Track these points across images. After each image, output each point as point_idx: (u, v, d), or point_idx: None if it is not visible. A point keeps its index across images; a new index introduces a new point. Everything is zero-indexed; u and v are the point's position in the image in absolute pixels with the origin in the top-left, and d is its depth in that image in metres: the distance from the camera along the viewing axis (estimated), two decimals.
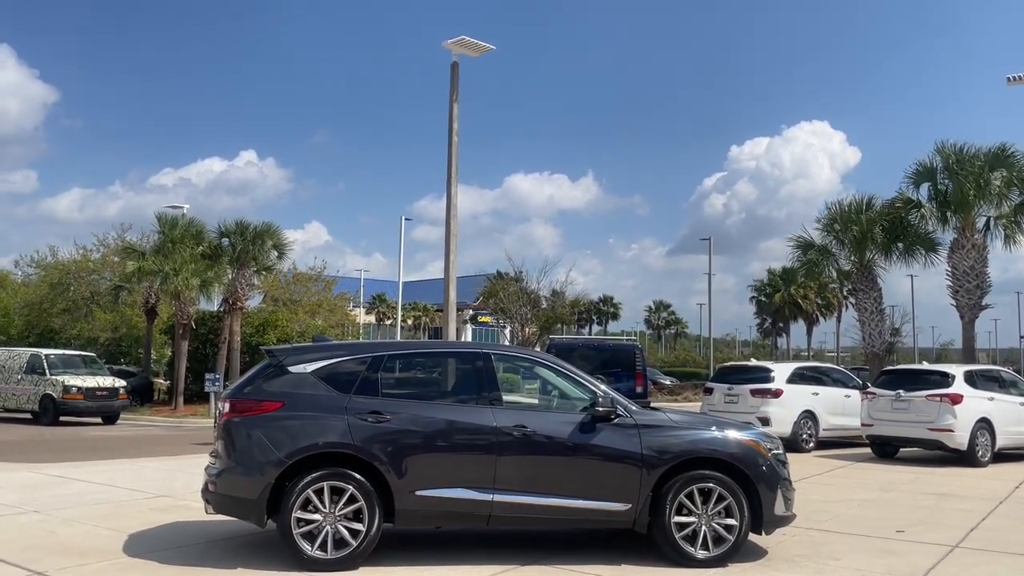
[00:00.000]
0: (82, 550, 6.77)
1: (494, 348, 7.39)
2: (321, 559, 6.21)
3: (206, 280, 27.28)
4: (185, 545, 6.98)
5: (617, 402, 6.80)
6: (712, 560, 6.62)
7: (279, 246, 28.95)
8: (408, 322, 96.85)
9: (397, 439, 6.45)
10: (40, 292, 41.06)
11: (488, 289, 53.53)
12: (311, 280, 49.60)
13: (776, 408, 16.25)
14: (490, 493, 6.48)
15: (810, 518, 8.91)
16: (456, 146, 17.35)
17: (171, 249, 27.99)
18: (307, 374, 6.66)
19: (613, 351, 17.04)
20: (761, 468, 6.80)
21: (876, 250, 21.51)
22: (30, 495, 9.46)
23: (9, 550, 6.69)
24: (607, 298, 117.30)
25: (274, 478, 6.26)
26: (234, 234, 28.36)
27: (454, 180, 17.28)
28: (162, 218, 28.93)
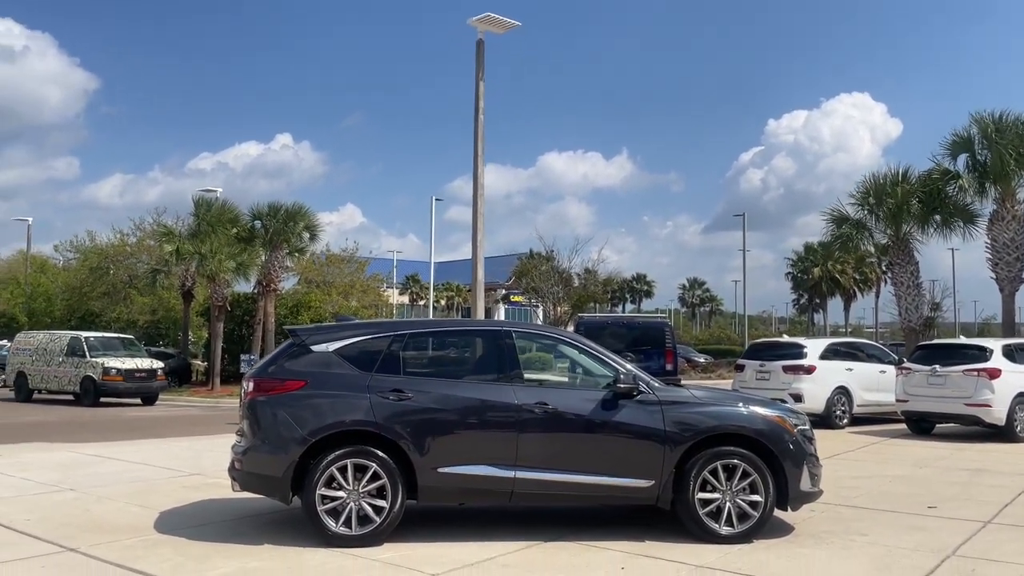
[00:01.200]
0: (114, 527, 6.92)
1: (516, 326, 7.39)
2: (345, 535, 6.28)
3: (241, 262, 27.58)
4: (213, 522, 7.10)
5: (640, 379, 6.76)
6: (736, 536, 6.58)
7: (311, 227, 29.17)
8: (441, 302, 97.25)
9: (419, 417, 6.48)
10: (80, 276, 41.88)
11: (519, 268, 53.53)
12: (344, 262, 49.99)
13: (809, 384, 16.06)
14: (512, 470, 6.49)
15: (839, 494, 8.83)
16: (482, 125, 17.29)
17: (206, 232, 28.33)
18: (330, 353, 6.71)
19: (643, 328, 16.94)
20: (787, 444, 6.73)
21: (912, 223, 21.09)
22: (67, 474, 9.68)
23: (44, 527, 6.86)
24: (640, 276, 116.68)
25: (298, 456, 6.33)
26: (266, 216, 28.62)
27: (480, 159, 17.23)
28: (198, 201, 29.28)
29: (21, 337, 26.82)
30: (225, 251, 27.29)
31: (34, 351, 25.16)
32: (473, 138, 17.35)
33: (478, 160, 17.25)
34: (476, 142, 17.30)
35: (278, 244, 28.71)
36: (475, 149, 17.31)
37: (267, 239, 28.85)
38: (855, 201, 21.80)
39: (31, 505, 7.83)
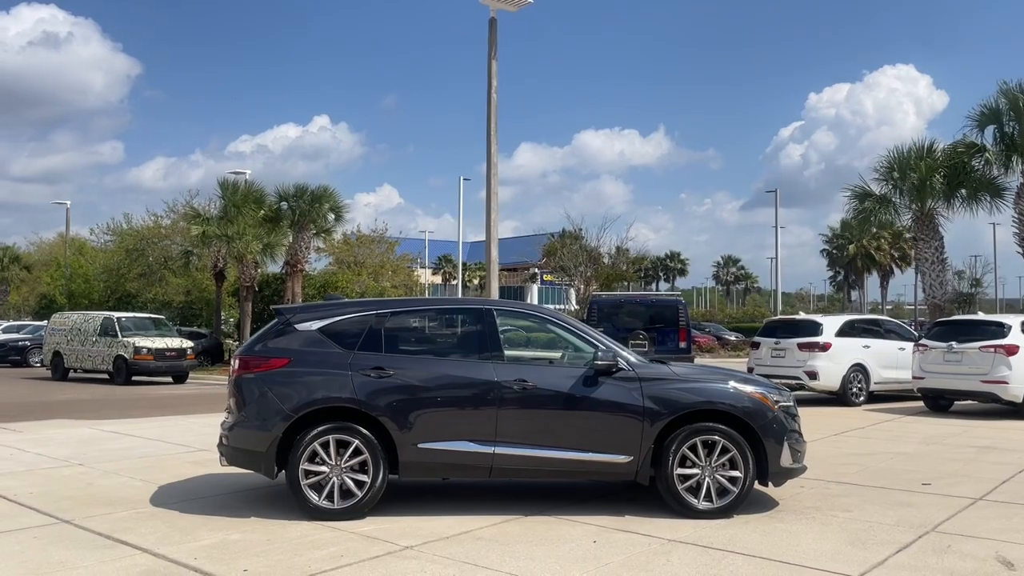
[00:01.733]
0: (112, 500, 7.17)
1: (496, 303, 7.45)
2: (327, 509, 6.45)
3: (267, 243, 27.95)
4: (207, 496, 7.32)
5: (619, 355, 6.81)
6: (715, 511, 6.63)
7: (335, 208, 29.45)
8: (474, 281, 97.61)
9: (399, 393, 6.60)
10: (117, 258, 42.73)
11: (548, 247, 53.46)
12: (374, 242, 50.36)
13: (824, 362, 15.95)
14: (491, 446, 6.60)
15: (835, 471, 8.83)
16: (495, 104, 17.29)
17: (234, 214, 28.72)
18: (313, 331, 6.85)
19: (656, 307, 16.90)
20: (767, 420, 6.75)
21: (937, 197, 20.69)
22: (82, 449, 10.01)
23: (45, 500, 7.13)
24: (674, 254, 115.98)
25: (282, 432, 6.50)
26: (292, 197, 28.95)
27: (493, 138, 17.26)
28: (224, 183, 29.67)
29: (57, 318, 27.52)
30: (252, 232, 27.67)
31: (69, 331, 25.83)
32: (486, 118, 17.37)
33: (491, 140, 17.27)
34: (489, 122, 17.31)
35: (304, 225, 29.05)
36: (488, 129, 17.33)
37: (294, 220, 29.18)
38: (879, 176, 21.44)
39: (39, 479, 8.13)
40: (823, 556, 5.62)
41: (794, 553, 5.68)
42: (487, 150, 17.32)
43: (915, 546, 5.91)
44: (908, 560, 5.56)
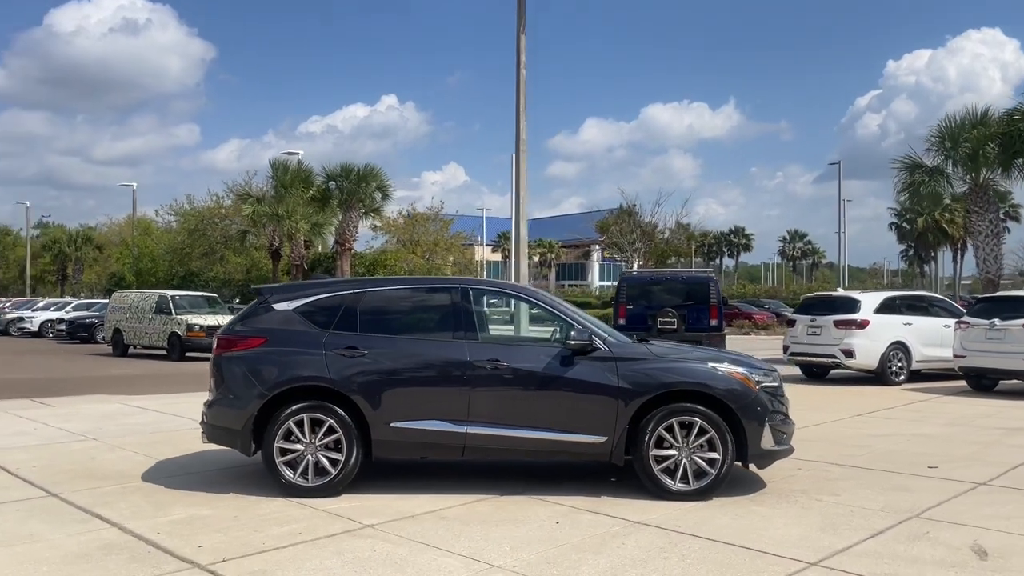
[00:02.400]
0: (106, 474, 7.41)
1: (473, 283, 7.41)
2: (302, 486, 6.54)
3: (315, 223, 28.42)
4: (198, 471, 7.49)
5: (595, 335, 6.71)
6: (692, 493, 6.50)
7: (382, 187, 29.75)
8: (533, 259, 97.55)
9: (372, 373, 6.63)
10: (180, 238, 44.07)
11: (601, 224, 53.06)
12: (429, 220, 50.72)
13: (861, 340, 15.47)
14: (464, 425, 6.59)
15: (843, 453, 8.59)
16: (524, 79, 17.13)
17: (283, 194, 29.25)
18: (290, 311, 6.92)
19: (688, 283, 16.58)
20: (746, 401, 6.57)
21: (992, 167, 19.74)
22: (100, 424, 10.36)
23: (43, 474, 7.40)
24: (738, 229, 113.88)
25: (257, 410, 6.60)
26: (339, 177, 29.35)
27: (522, 116, 17.11)
28: (274, 164, 30.25)
29: (116, 296, 28.51)
30: (300, 212, 28.14)
31: (127, 309, 26.73)
32: (515, 94, 17.24)
33: (520, 118, 17.13)
34: (518, 99, 17.17)
35: (352, 204, 29.40)
36: (517, 107, 17.19)
37: (342, 199, 29.57)
38: (930, 146, 20.57)
39: (47, 453, 8.45)
40: (787, 542, 5.46)
41: (757, 538, 5.54)
42: (516, 127, 17.19)
43: (890, 532, 5.71)
44: (875, 547, 5.37)
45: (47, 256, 57.89)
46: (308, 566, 4.93)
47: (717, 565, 5.00)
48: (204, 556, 5.09)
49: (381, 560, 5.05)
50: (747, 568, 4.95)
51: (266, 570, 4.86)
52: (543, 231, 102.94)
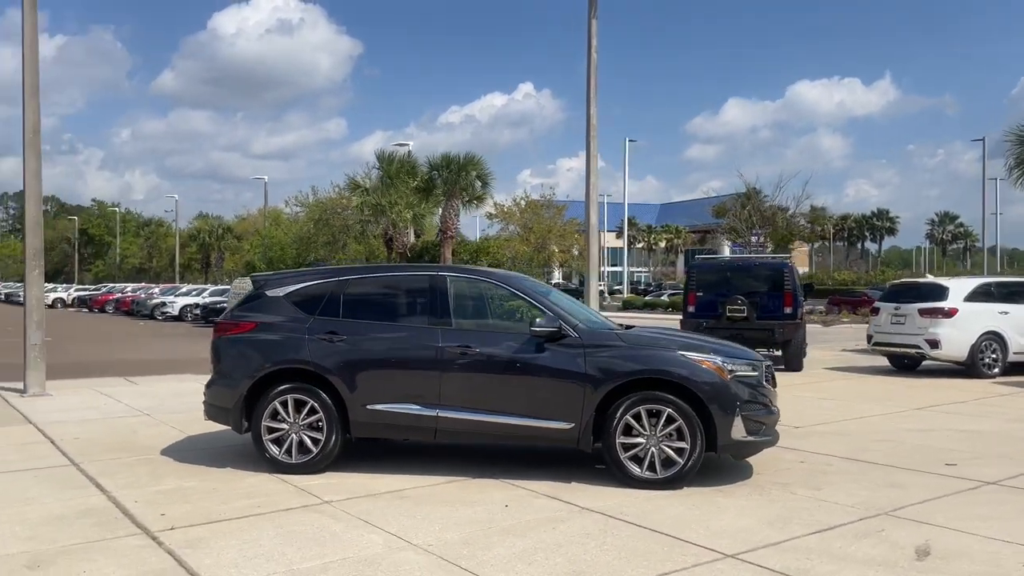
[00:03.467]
0: (134, 447, 8.07)
1: (450, 270, 7.55)
2: (286, 462, 6.93)
3: (417, 212, 29.24)
4: (213, 447, 8.02)
5: (565, 322, 6.74)
6: (659, 482, 6.45)
7: (482, 176, 30.22)
8: (660, 244, 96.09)
9: (350, 357, 6.93)
10: (306, 228, 46.24)
11: (718, 209, 51.68)
12: (542, 207, 50.99)
13: (948, 329, 14.53)
14: (435, 409, 6.79)
15: (864, 447, 8.25)
16: (595, 65, 17.02)
17: (388, 184, 30.25)
18: (280, 297, 7.33)
19: (761, 270, 16.00)
20: (714, 390, 6.45)
21: None
22: (164, 401, 11.21)
23: (79, 446, 8.14)
24: (881, 211, 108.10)
25: (246, 390, 7.03)
26: (441, 167, 30.02)
27: (593, 100, 17.02)
28: (381, 156, 31.29)
29: (237, 283, 30.18)
30: (404, 201, 29.02)
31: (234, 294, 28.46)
32: (586, 79, 17.16)
33: (591, 102, 17.04)
34: (588, 83, 17.08)
35: (453, 193, 30.04)
36: (587, 91, 17.11)
37: (445, 189, 30.26)
38: None
39: (98, 426, 9.26)
40: (724, 533, 5.37)
41: (695, 528, 5.47)
42: (586, 112, 17.11)
43: (841, 529, 5.50)
44: (811, 543, 5.20)
45: (193, 246, 62.26)
46: (243, 536, 5.27)
47: (630, 552, 5.00)
48: (158, 524, 5.53)
49: (312, 534, 5.33)
50: (659, 556, 4.93)
51: (204, 538, 5.23)
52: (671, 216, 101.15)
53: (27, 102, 12.11)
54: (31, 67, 12.16)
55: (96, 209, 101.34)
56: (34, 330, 12.12)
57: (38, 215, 12.40)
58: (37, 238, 12.28)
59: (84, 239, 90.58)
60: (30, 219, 12.30)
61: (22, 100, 12.17)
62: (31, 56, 12.16)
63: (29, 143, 12.10)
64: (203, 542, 5.15)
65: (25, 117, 12.12)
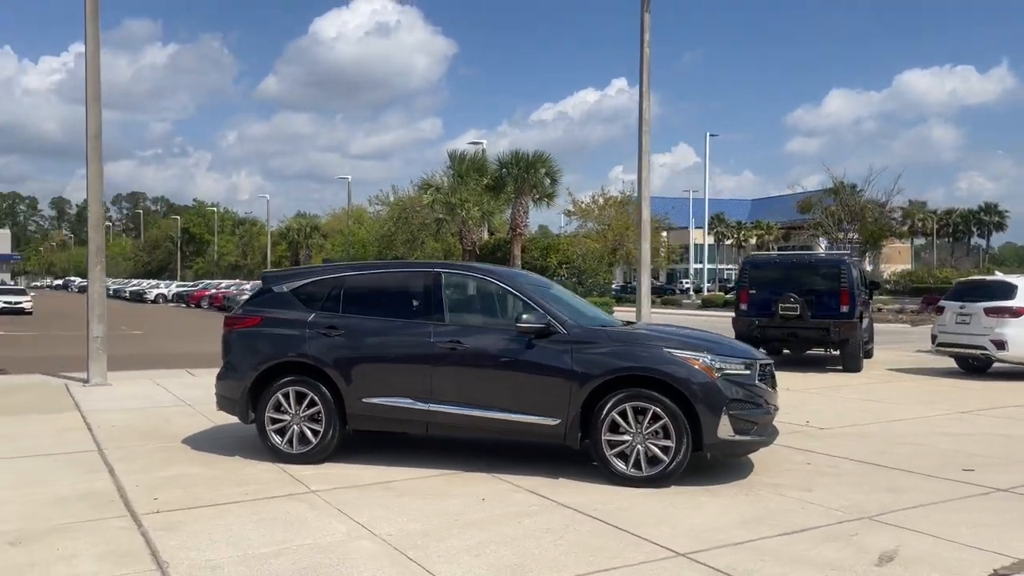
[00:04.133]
0: (160, 436, 8.49)
1: (445, 266, 7.63)
2: (287, 452, 7.18)
3: (484, 209, 29.52)
4: (229, 437, 8.35)
5: (554, 318, 6.77)
6: (644, 480, 6.42)
7: (550, 173, 30.29)
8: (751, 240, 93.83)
9: (347, 351, 7.13)
10: (386, 226, 47.29)
11: (802, 204, 50.20)
12: (622, 204, 50.64)
13: (1016, 329, 13.77)
14: (427, 403, 6.92)
15: (880, 449, 8.03)
16: (648, 59, 16.84)
17: (460, 182, 30.64)
18: (286, 293, 7.58)
19: (816, 267, 15.49)
20: (700, 388, 6.36)
21: None
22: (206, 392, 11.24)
23: (114, 433, 8.61)
24: (989, 206, 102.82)
25: (251, 382, 7.32)
26: (510, 165, 30.22)
27: (646, 95, 16.85)
28: (452, 154, 31.72)
29: None
30: (472, 199, 29.34)
31: None
32: (639, 73, 16.99)
33: (643, 97, 16.87)
34: (641, 78, 16.92)
35: (523, 191, 30.19)
36: (640, 85, 16.94)
37: (515, 187, 30.45)
38: None
39: (139, 415, 9.77)
40: (689, 532, 5.32)
41: (662, 526, 5.44)
42: (639, 106, 16.95)
43: (814, 532, 5.37)
44: (773, 544, 5.11)
45: (283, 244, 64.40)
46: (218, 522, 5.51)
47: (582, 548, 5.01)
48: (147, 507, 5.83)
49: (283, 521, 5.53)
50: (608, 553, 4.93)
51: (181, 522, 5.50)
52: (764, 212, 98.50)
53: (89, 108, 12.84)
54: (93, 76, 12.88)
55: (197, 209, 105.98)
56: (96, 323, 12.82)
57: (100, 215, 13.13)
58: (99, 236, 13.00)
59: (186, 237, 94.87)
60: (93, 219, 13.03)
61: (85, 107, 12.90)
62: (93, 65, 12.88)
63: (91, 147, 12.82)
64: (180, 526, 5.41)
65: (88, 123, 12.84)
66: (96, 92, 12.89)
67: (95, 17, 12.88)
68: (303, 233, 59.40)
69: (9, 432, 8.63)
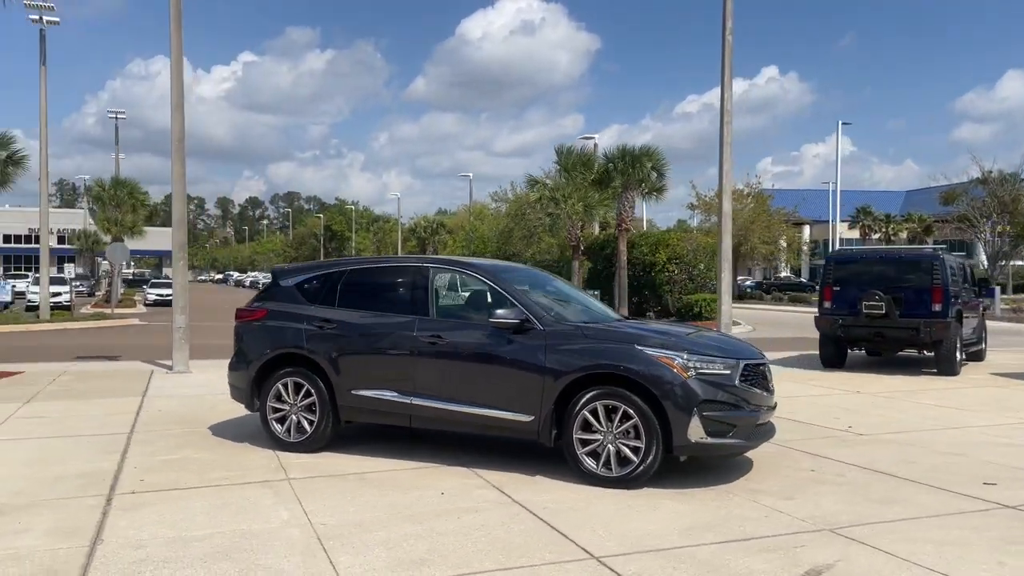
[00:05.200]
0: (194, 422, 8.96)
1: (433, 261, 7.61)
2: (286, 440, 7.45)
3: (587, 204, 29.27)
4: (249, 424, 8.59)
5: (532, 315, 6.68)
6: (614, 480, 6.25)
7: (657, 167, 29.62)
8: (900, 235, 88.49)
9: (337, 344, 7.31)
10: (505, 222, 47.79)
11: (944, 196, 46.89)
12: (747, 197, 49.10)
13: None
14: (409, 397, 7.00)
15: (909, 459, 7.56)
16: (730, 46, 16.22)
17: (565, 178, 30.54)
18: (291, 287, 7.84)
19: (905, 263, 14.38)
20: (669, 387, 6.12)
21: None
22: None
23: (155, 417, 9.18)
24: None
25: (254, 372, 7.63)
26: (616, 159, 29.81)
27: (727, 84, 16.24)
28: (559, 149, 31.59)
29: None
30: (576, 195, 29.17)
31: None
32: (720, 60, 16.42)
33: (724, 84, 16.29)
34: (723, 64, 16.32)
35: (630, 185, 29.73)
36: (722, 72, 16.35)
37: (622, 181, 30.02)
38: None
39: (187, 402, 10.35)
40: (625, 536, 5.15)
41: (601, 528, 5.29)
42: (721, 96, 16.37)
43: (759, 541, 5.09)
44: (705, 552, 4.88)
45: (413, 240, 66.27)
46: (178, 504, 5.78)
47: (502, 545, 4.95)
48: (127, 488, 6.20)
49: (238, 507, 5.74)
50: (523, 552, 4.85)
51: (147, 503, 5.80)
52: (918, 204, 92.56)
53: (173, 115, 13.70)
54: (177, 84, 13.73)
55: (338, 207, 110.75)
56: (179, 315, 13.69)
57: (183, 213, 13.99)
58: (181, 233, 13.86)
59: (328, 235, 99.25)
60: (176, 216, 13.91)
61: (170, 113, 13.78)
62: (177, 74, 13.73)
63: (175, 150, 13.67)
64: (142, 507, 5.72)
65: (172, 128, 13.71)
66: (179, 101, 13.73)
67: (178, 29, 13.71)
68: (429, 229, 60.91)
69: (62, 414, 9.38)
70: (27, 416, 9.31)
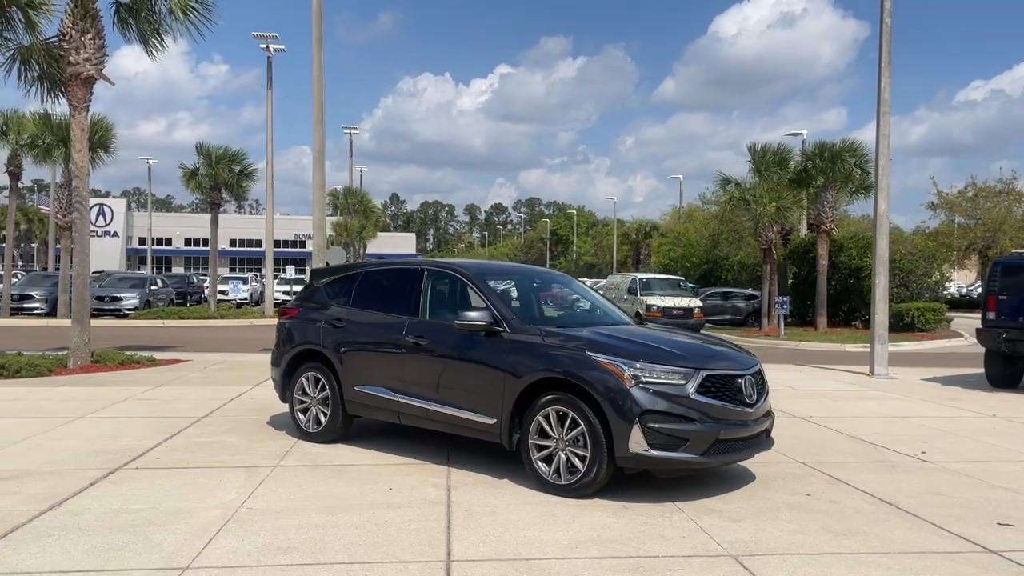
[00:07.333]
0: (262, 410, 9.69)
1: (429, 263, 7.62)
2: (307, 431, 7.97)
3: (780, 205, 27.70)
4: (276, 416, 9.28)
5: (501, 316, 6.65)
6: (564, 488, 6.10)
7: (861, 163, 27.38)
8: None
9: (344, 342, 7.68)
10: (714, 224, 46.26)
11: None
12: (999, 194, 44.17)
13: None
14: (398, 395, 7.21)
15: (942, 490, 6.70)
16: (888, 29, 14.76)
17: (760, 177, 29.11)
18: (320, 288, 8.33)
19: None
20: (612, 395, 5.86)
21: None
22: None
23: (238, 405, 10.05)
24: None
25: (284, 365, 8.20)
26: (815, 156, 28.00)
27: (885, 71, 14.77)
28: (751, 148, 30.15)
29: (612, 277, 32.11)
30: (768, 195, 27.75)
31: (614, 288, 30.11)
32: (878, 46, 14.98)
33: (882, 73, 14.81)
34: (880, 52, 14.89)
35: (830, 183, 27.78)
36: (879, 60, 14.91)
37: (824, 180, 28.13)
38: None
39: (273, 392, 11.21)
40: (510, 543, 5.04)
41: (496, 535, 5.21)
42: (878, 83, 14.91)
43: (641, 560, 4.78)
44: (574, 567, 4.63)
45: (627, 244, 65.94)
46: (157, 482, 6.38)
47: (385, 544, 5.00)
48: (136, 464, 6.94)
49: (202, 486, 6.26)
50: (398, 551, 4.89)
51: (133, 479, 6.48)
52: None
53: (314, 128, 14.87)
54: (318, 99, 14.89)
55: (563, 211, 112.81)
56: None
57: (322, 218, 15.16)
58: (321, 237, 15.01)
59: (555, 238, 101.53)
60: (316, 222, 15.09)
61: (312, 126, 14.98)
62: (318, 90, 14.89)
63: (315, 161, 14.86)
64: (126, 481, 6.40)
65: (313, 140, 14.91)
66: (320, 115, 14.88)
67: (320, 43, 14.86)
68: (642, 232, 60.27)
69: (173, 397, 10.59)
70: (144, 398, 10.59)
